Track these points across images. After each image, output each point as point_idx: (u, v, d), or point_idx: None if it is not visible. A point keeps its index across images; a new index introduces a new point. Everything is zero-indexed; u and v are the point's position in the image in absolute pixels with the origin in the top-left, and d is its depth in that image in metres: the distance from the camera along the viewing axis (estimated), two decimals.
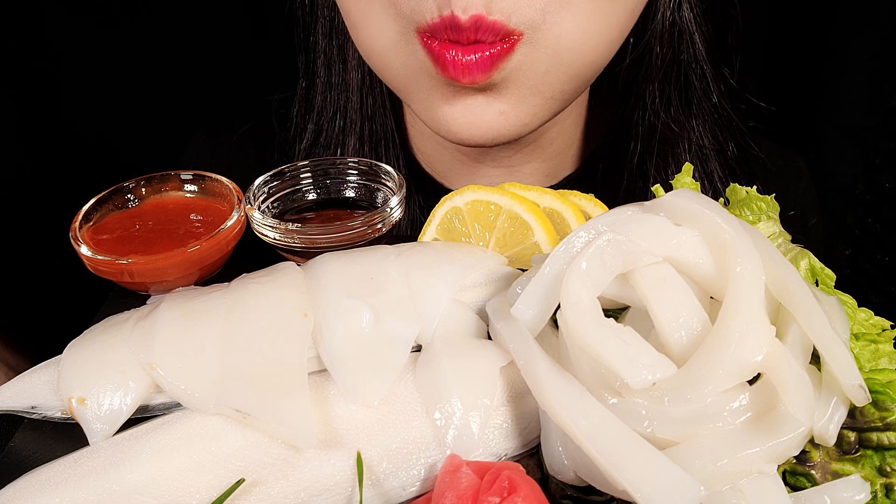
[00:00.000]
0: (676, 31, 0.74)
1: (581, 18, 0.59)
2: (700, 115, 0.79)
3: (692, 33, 0.75)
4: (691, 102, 0.78)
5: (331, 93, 0.81)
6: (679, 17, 0.74)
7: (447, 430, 0.43)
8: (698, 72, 0.77)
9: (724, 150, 0.81)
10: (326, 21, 0.79)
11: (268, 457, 0.42)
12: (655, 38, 0.74)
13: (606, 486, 0.38)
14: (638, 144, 0.78)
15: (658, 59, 0.75)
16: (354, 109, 0.80)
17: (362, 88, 0.79)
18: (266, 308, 0.47)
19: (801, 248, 0.48)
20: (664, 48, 0.74)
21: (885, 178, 1.10)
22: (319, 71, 0.81)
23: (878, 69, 1.07)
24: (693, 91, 0.78)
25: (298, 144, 0.84)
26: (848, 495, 0.38)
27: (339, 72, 0.80)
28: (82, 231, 0.58)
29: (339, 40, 0.79)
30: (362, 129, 0.80)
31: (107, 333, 0.48)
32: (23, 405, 0.47)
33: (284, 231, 0.58)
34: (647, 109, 0.77)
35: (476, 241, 0.57)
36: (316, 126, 0.83)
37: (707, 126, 0.79)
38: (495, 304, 0.48)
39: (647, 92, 0.77)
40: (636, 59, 0.76)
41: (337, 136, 0.81)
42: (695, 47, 0.76)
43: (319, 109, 0.82)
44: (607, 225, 0.44)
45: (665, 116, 0.77)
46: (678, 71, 0.76)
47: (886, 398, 0.40)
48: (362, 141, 0.80)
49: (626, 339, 0.39)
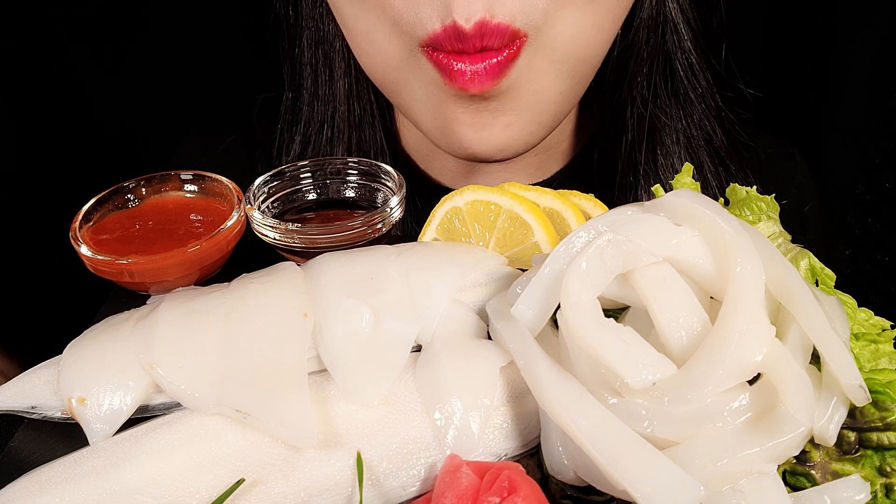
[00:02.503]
0: (662, 19, 0.74)
1: (577, 16, 0.59)
2: (687, 105, 0.79)
3: (677, 23, 0.75)
4: (678, 92, 0.78)
5: (318, 103, 0.80)
6: (663, 5, 0.74)
7: (447, 430, 0.43)
8: (684, 62, 0.77)
9: (713, 140, 0.80)
10: (312, 32, 0.78)
11: (268, 457, 0.42)
12: (642, 27, 0.74)
13: (606, 486, 0.38)
14: (628, 136, 0.78)
15: (644, 49, 0.75)
16: (342, 119, 0.80)
17: (349, 98, 0.79)
18: (266, 308, 0.47)
19: (801, 248, 0.48)
20: (650, 37, 0.74)
21: (885, 178, 1.10)
22: (306, 82, 0.81)
23: (879, 69, 1.07)
24: (679, 80, 0.78)
25: (285, 157, 0.83)
26: (848, 495, 0.38)
27: (325, 82, 0.79)
28: (82, 231, 0.58)
29: (324, 49, 0.78)
30: (350, 139, 0.80)
31: (107, 333, 0.48)
32: (23, 405, 0.47)
33: (284, 231, 0.58)
34: (636, 101, 0.77)
35: (476, 241, 0.57)
36: (303, 137, 0.82)
37: (695, 116, 0.79)
38: (495, 304, 0.48)
39: (636, 83, 0.77)
40: (624, 50, 0.76)
41: (324, 147, 0.81)
42: (679, 36, 0.76)
43: (307, 120, 0.82)
44: (607, 225, 0.44)
45: (653, 107, 0.77)
46: (664, 60, 0.76)
47: (886, 398, 0.40)
48: (350, 151, 0.80)
49: (626, 339, 0.39)
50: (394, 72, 0.64)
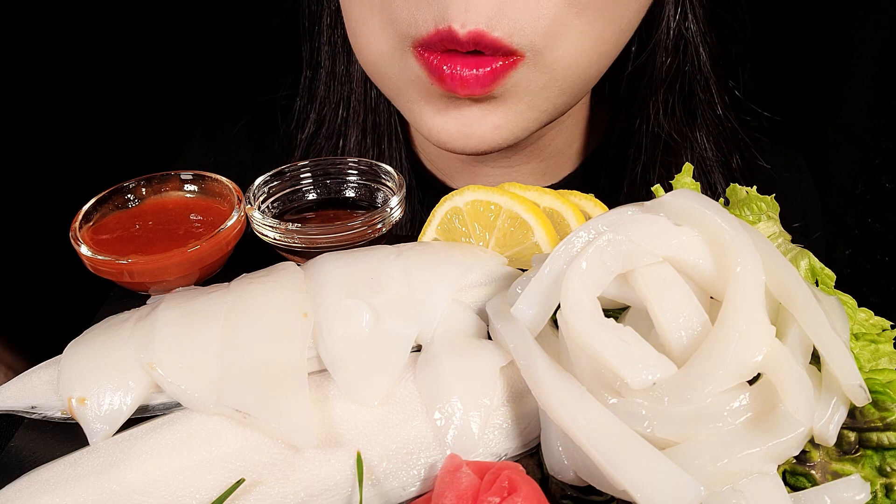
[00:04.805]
0: (682, 42, 0.74)
1: (578, 39, 0.59)
2: (704, 127, 0.79)
3: (697, 45, 0.75)
4: (695, 114, 0.78)
5: (334, 82, 0.81)
6: (685, 28, 0.74)
7: (447, 430, 0.43)
8: (702, 83, 0.77)
9: (729, 162, 0.80)
10: (332, 11, 0.79)
11: (268, 457, 0.42)
12: (660, 48, 0.74)
13: (606, 486, 0.38)
14: (642, 153, 0.78)
15: (662, 69, 0.75)
16: (358, 100, 0.80)
17: (366, 79, 0.79)
18: (266, 308, 0.47)
19: (801, 248, 0.48)
20: (668, 58, 0.75)
21: (885, 178, 1.10)
22: (324, 61, 0.81)
23: (880, 70, 1.07)
24: (697, 102, 0.78)
25: (300, 134, 0.84)
26: (848, 495, 0.38)
27: (343, 62, 0.80)
28: (82, 231, 0.58)
29: (343, 31, 0.78)
30: (365, 121, 0.80)
31: (107, 333, 0.48)
32: (23, 405, 0.47)
33: (284, 231, 0.58)
34: (650, 119, 0.77)
35: (476, 241, 0.57)
36: (318, 115, 0.83)
37: (711, 138, 0.79)
38: (495, 304, 0.48)
39: (651, 101, 0.77)
40: (639, 67, 0.76)
41: (339, 127, 0.81)
42: (699, 59, 0.76)
43: (322, 99, 0.82)
44: (607, 225, 0.44)
45: (669, 126, 0.77)
46: (682, 82, 0.76)
47: (886, 398, 0.40)
48: (364, 133, 0.80)
49: (626, 339, 0.39)
50: (381, 60, 0.64)
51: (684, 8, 0.73)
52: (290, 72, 0.86)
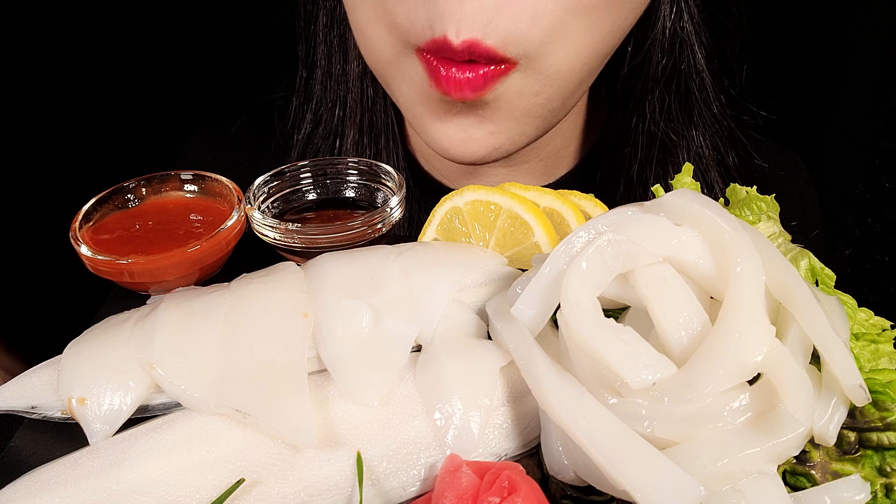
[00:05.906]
0: (678, 41, 0.74)
1: (573, 43, 0.59)
2: (700, 125, 0.79)
3: (692, 44, 0.75)
4: (691, 112, 0.78)
5: (330, 82, 0.81)
6: (680, 27, 0.74)
7: (447, 430, 0.43)
8: (698, 82, 0.77)
9: (725, 160, 0.81)
10: (328, 11, 0.79)
11: (268, 457, 0.42)
12: (655, 47, 0.74)
13: (606, 486, 0.38)
14: (638, 152, 0.78)
15: (658, 68, 0.75)
16: (354, 100, 0.80)
17: (363, 79, 0.79)
18: (266, 308, 0.47)
19: (801, 248, 0.48)
20: (664, 57, 0.75)
21: (885, 179, 1.10)
22: (320, 61, 0.81)
23: (879, 71, 1.07)
24: (693, 101, 0.78)
25: (297, 134, 0.84)
26: (848, 495, 0.38)
27: (339, 62, 0.80)
28: (82, 231, 0.58)
29: (339, 30, 0.78)
30: (362, 121, 0.80)
31: (107, 333, 0.48)
32: (23, 405, 0.47)
33: (284, 231, 0.58)
34: (647, 118, 0.77)
35: (476, 241, 0.57)
36: (315, 115, 0.83)
37: (708, 136, 0.79)
38: (495, 304, 0.48)
39: (647, 100, 0.77)
40: (636, 67, 0.76)
41: (336, 127, 0.81)
42: (695, 58, 0.76)
43: (319, 98, 0.82)
44: (607, 225, 0.44)
45: (665, 125, 0.77)
46: (678, 80, 0.76)
47: (886, 398, 0.40)
48: (361, 132, 0.80)
49: (626, 339, 0.39)
50: (386, 67, 0.65)
51: (679, 7, 0.73)
52: (287, 71, 0.86)
